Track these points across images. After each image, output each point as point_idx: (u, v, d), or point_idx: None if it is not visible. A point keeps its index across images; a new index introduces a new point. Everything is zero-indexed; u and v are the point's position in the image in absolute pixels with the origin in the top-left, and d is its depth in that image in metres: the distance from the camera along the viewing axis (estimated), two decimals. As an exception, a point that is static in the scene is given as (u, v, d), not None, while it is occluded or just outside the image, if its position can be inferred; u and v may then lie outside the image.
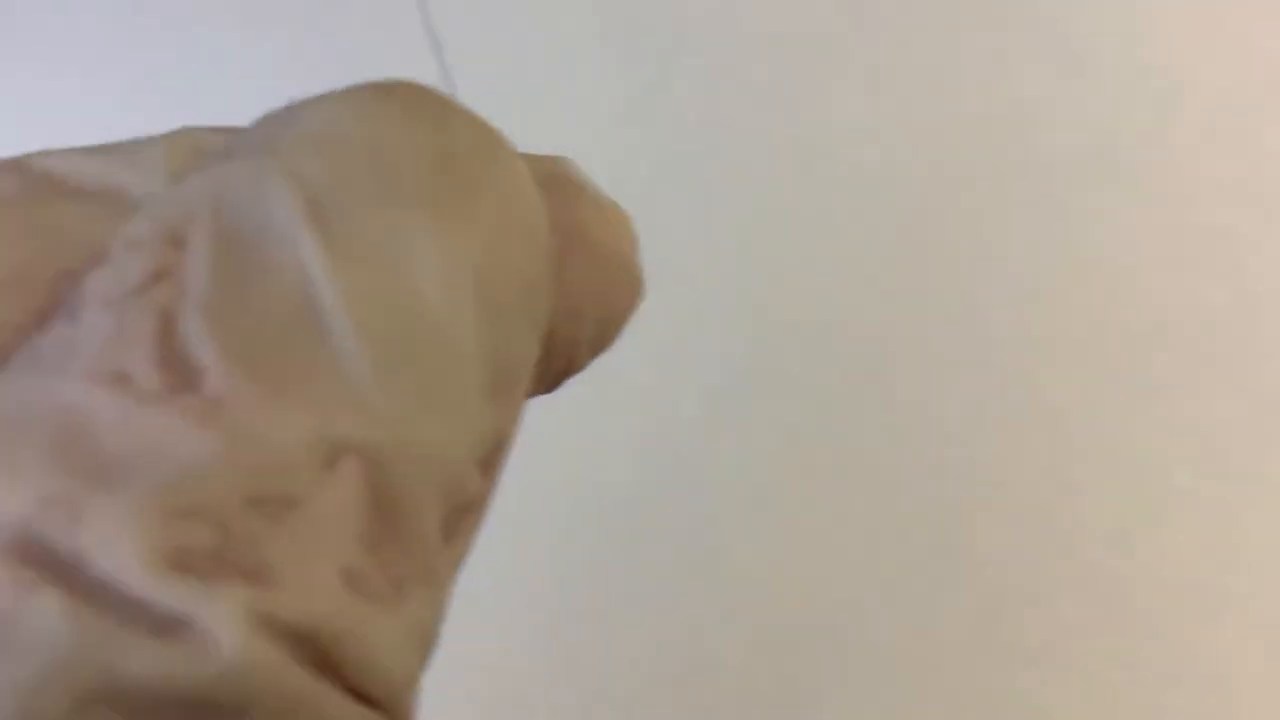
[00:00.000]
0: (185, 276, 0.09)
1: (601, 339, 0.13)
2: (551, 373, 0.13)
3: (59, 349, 0.09)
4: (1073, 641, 0.34)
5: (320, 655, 0.08)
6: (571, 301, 0.12)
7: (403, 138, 0.10)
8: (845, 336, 0.36)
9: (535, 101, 0.39)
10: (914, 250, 0.37)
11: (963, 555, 0.35)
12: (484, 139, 0.11)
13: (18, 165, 0.11)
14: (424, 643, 0.09)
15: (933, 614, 0.34)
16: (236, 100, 0.41)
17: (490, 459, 0.10)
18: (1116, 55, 0.39)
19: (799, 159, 0.38)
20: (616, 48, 0.40)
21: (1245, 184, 0.37)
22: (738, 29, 0.39)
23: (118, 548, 0.08)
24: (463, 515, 0.10)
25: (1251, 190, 0.37)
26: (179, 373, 0.09)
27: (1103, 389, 0.36)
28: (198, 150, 0.11)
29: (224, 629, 0.08)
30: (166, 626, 0.08)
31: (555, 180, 0.12)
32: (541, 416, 0.24)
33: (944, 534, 0.35)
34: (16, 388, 0.09)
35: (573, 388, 0.16)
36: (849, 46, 0.39)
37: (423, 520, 0.09)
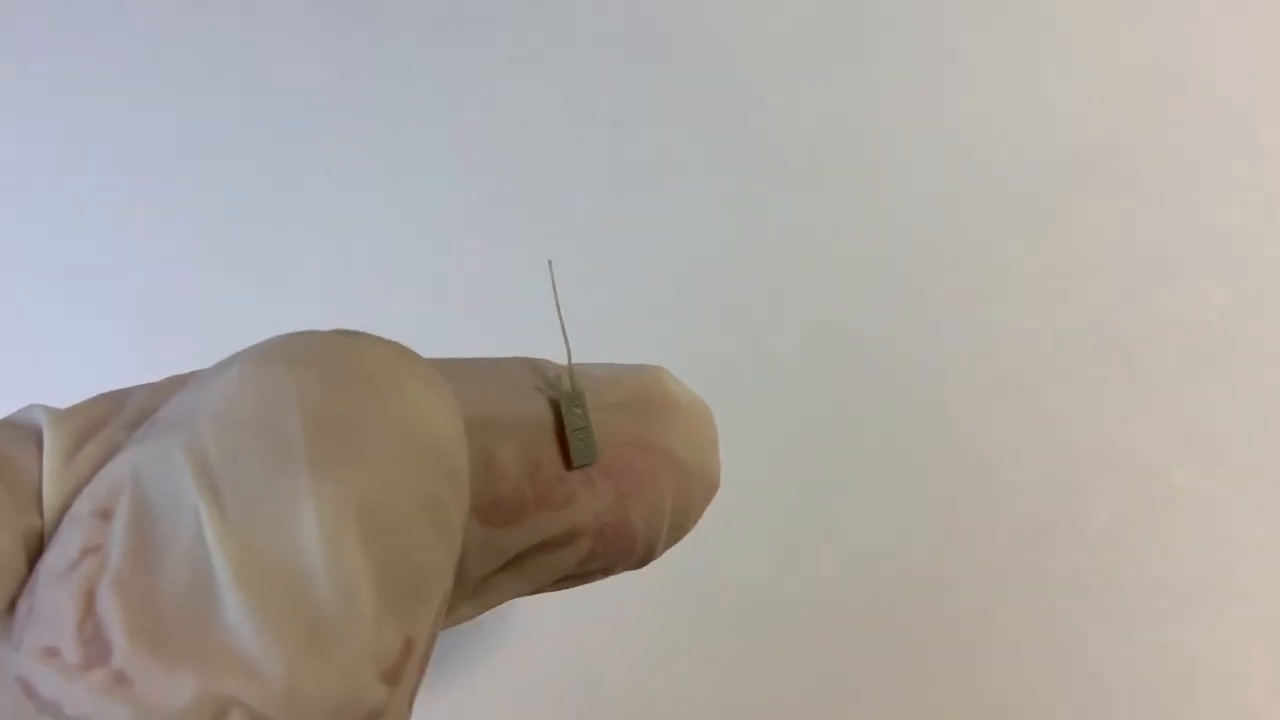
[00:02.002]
0: (108, 550, 0.11)
1: (677, 532, 0.15)
2: (635, 561, 0.15)
3: (21, 620, 0.11)
4: (1073, 641, 0.34)
5: None
6: (656, 508, 0.14)
7: (285, 402, 0.11)
8: (845, 336, 0.36)
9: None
10: (913, 250, 0.37)
11: (962, 554, 0.35)
12: (383, 372, 0.12)
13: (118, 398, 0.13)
14: None
15: (932, 613, 0.34)
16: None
17: (398, 666, 0.11)
18: (1117, 55, 0.39)
19: (799, 159, 0.38)
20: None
21: (1245, 184, 0.37)
22: (735, 29, 0.39)
23: None
24: None
25: (1251, 190, 0.37)
26: (94, 647, 0.10)
27: (1103, 389, 0.36)
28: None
29: None
30: None
31: (648, 402, 0.14)
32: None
33: (943, 533, 0.35)
34: None
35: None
36: (849, 46, 0.39)
37: None
